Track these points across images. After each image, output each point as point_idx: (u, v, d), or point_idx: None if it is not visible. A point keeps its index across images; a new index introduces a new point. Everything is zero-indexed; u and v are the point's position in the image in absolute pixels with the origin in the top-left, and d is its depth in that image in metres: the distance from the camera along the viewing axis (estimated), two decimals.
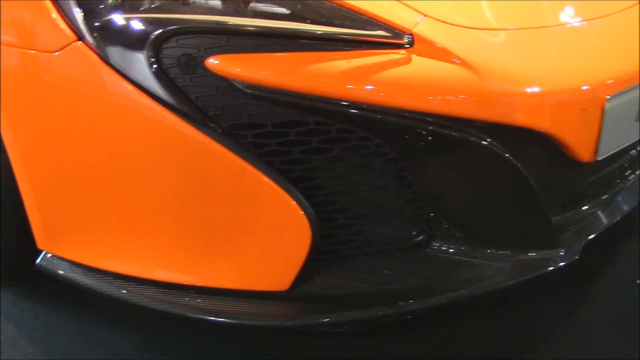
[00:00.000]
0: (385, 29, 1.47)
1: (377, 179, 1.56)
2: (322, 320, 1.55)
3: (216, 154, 1.46)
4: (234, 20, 1.46)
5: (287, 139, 1.47)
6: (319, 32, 1.45)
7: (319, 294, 1.57)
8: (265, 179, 1.46)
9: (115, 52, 1.47)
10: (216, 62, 1.42)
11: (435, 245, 1.66)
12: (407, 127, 1.48)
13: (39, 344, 1.75)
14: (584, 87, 1.59)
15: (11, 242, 1.83)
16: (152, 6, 1.48)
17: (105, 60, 1.48)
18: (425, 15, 1.52)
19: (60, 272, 1.67)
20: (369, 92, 1.43)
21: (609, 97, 1.61)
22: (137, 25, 1.46)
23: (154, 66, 1.44)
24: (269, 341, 1.77)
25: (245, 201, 1.50)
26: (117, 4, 1.48)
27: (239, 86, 1.43)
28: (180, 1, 1.50)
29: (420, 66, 1.46)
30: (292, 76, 1.42)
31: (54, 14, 1.49)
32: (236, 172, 1.47)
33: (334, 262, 1.62)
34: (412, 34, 1.48)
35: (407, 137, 1.50)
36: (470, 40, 1.54)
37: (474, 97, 1.48)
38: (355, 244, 1.62)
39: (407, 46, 1.47)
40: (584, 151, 1.64)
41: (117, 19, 1.47)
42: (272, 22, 1.46)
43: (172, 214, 1.56)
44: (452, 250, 1.66)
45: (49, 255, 1.69)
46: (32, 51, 1.52)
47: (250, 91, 1.43)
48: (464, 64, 1.47)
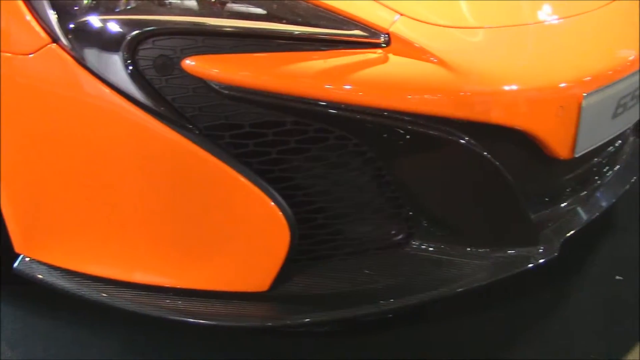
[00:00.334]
0: (361, 29, 1.47)
1: (356, 179, 1.56)
2: (303, 320, 1.55)
3: (193, 155, 1.45)
4: (210, 21, 1.45)
5: (265, 139, 1.46)
6: (296, 32, 1.44)
7: (299, 294, 1.57)
8: (243, 179, 1.46)
9: (90, 54, 1.46)
10: (193, 63, 1.41)
11: (414, 243, 1.66)
12: (385, 126, 1.48)
13: (18, 348, 1.74)
14: (561, 85, 1.59)
15: None
16: (128, 7, 1.47)
17: (80, 62, 1.46)
18: (401, 14, 1.52)
19: (39, 275, 1.65)
20: (346, 91, 1.43)
21: (586, 94, 1.61)
22: (112, 26, 1.45)
23: (130, 68, 1.43)
24: (250, 341, 1.77)
25: (223, 202, 1.50)
26: (92, 6, 1.47)
27: (215, 87, 1.42)
28: (156, 2, 1.48)
29: (396, 65, 1.46)
30: (269, 76, 1.42)
31: (28, 16, 1.48)
32: (214, 174, 1.46)
33: (313, 262, 1.62)
34: (388, 33, 1.47)
35: (385, 136, 1.50)
36: (447, 39, 1.54)
37: (451, 95, 1.48)
38: (334, 244, 1.62)
39: (384, 45, 1.47)
40: (561, 148, 1.65)
41: (92, 20, 1.46)
42: (249, 22, 1.45)
43: (150, 216, 1.55)
44: (431, 248, 1.66)
45: (27, 259, 1.67)
46: (6, 54, 1.50)
47: (227, 92, 1.42)
48: (441, 62, 1.47)
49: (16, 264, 1.68)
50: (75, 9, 1.48)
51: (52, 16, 1.47)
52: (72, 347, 1.75)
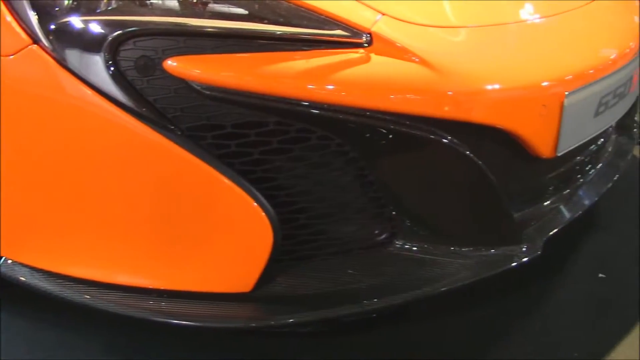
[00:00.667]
0: (343, 28, 1.47)
1: (338, 178, 1.56)
2: (286, 321, 1.54)
3: (175, 156, 1.45)
4: (191, 21, 1.44)
5: (247, 140, 1.46)
6: (278, 33, 1.44)
7: (282, 294, 1.57)
8: (225, 180, 1.45)
9: (72, 55, 1.45)
10: (174, 63, 1.41)
11: (398, 243, 1.66)
12: (368, 126, 1.48)
13: (1, 351, 1.73)
14: (544, 84, 1.59)
15: None
16: (109, 8, 1.46)
17: (61, 63, 1.46)
18: (383, 14, 1.52)
19: (21, 278, 1.64)
20: (328, 91, 1.43)
21: (568, 93, 1.62)
22: (93, 27, 1.44)
23: (112, 69, 1.43)
24: (235, 341, 1.76)
25: (205, 203, 1.49)
26: (73, 6, 1.47)
27: (197, 88, 1.42)
28: (137, 3, 1.48)
29: (379, 65, 1.46)
30: (250, 77, 1.42)
31: (8, 17, 1.47)
32: (196, 174, 1.46)
33: (296, 262, 1.62)
34: (370, 33, 1.47)
35: (367, 136, 1.50)
36: (429, 38, 1.54)
37: (433, 95, 1.48)
38: (317, 244, 1.62)
39: (366, 45, 1.47)
40: (544, 147, 1.65)
41: (73, 21, 1.45)
42: (231, 23, 1.45)
43: (132, 217, 1.54)
44: (415, 248, 1.66)
45: (9, 261, 1.66)
46: None
47: (209, 92, 1.42)
48: (423, 62, 1.48)
49: None
50: (56, 9, 1.47)
51: (33, 17, 1.46)
52: (57, 349, 1.74)
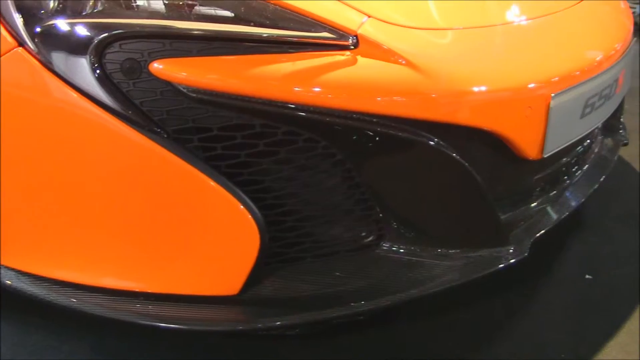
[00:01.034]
0: (329, 31, 1.47)
1: (325, 181, 1.56)
2: (274, 323, 1.54)
3: (162, 159, 1.45)
4: (177, 24, 1.44)
5: (234, 142, 1.46)
6: (264, 35, 1.44)
7: (269, 297, 1.57)
8: (212, 183, 1.45)
9: (57, 58, 1.45)
10: (160, 66, 1.41)
11: (385, 245, 1.66)
12: (354, 128, 1.48)
13: None
14: (530, 85, 1.60)
15: None
16: (95, 11, 1.46)
17: (47, 66, 1.45)
18: (369, 16, 1.52)
19: (7, 281, 1.63)
20: (314, 94, 1.43)
21: (554, 94, 1.62)
22: (79, 30, 1.44)
23: (97, 71, 1.42)
24: (223, 342, 1.76)
25: (192, 206, 1.49)
26: (59, 9, 1.46)
27: (183, 90, 1.41)
28: (123, 5, 1.48)
29: (365, 67, 1.46)
30: (237, 79, 1.42)
31: None
32: (183, 177, 1.46)
33: (284, 264, 1.61)
34: (356, 35, 1.47)
35: (354, 139, 1.50)
36: (415, 40, 1.54)
37: (420, 97, 1.48)
38: (304, 246, 1.62)
39: (352, 47, 1.47)
40: (530, 149, 1.66)
41: (59, 24, 1.45)
42: (216, 25, 1.45)
43: (119, 220, 1.54)
44: (402, 250, 1.66)
45: None
46: None
47: (195, 95, 1.41)
48: (409, 64, 1.48)
49: None
50: (41, 12, 1.47)
51: (18, 20, 1.46)
52: (43, 352, 1.74)
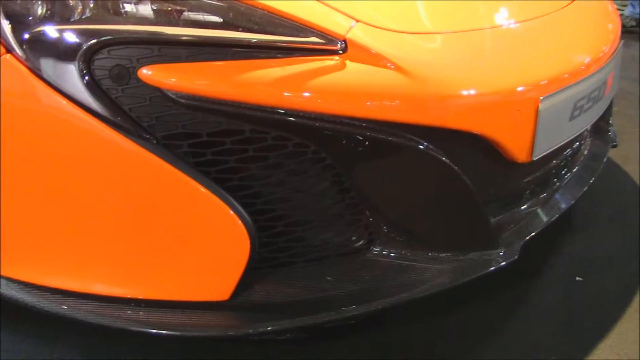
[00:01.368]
0: (318, 36, 1.47)
1: (315, 186, 1.56)
2: (265, 328, 1.54)
3: (151, 165, 1.44)
4: (166, 29, 1.44)
5: (223, 148, 1.46)
6: (252, 40, 1.44)
7: (260, 302, 1.56)
8: (201, 189, 1.45)
9: (46, 65, 1.45)
10: (149, 72, 1.40)
11: (375, 249, 1.67)
12: (343, 133, 1.48)
13: None
14: (518, 89, 1.60)
15: None
16: (83, 17, 1.46)
17: (36, 73, 1.45)
18: (358, 20, 1.52)
19: None
20: (303, 99, 1.43)
21: (542, 97, 1.63)
22: (67, 36, 1.43)
23: (86, 78, 1.42)
24: (216, 347, 1.76)
25: (182, 212, 1.49)
26: (47, 15, 1.46)
27: (172, 96, 1.41)
28: (111, 11, 1.47)
29: (354, 72, 1.46)
30: (226, 85, 1.41)
31: None
32: (172, 183, 1.46)
33: (274, 269, 1.61)
34: (345, 40, 1.47)
35: (343, 143, 1.50)
36: (404, 44, 1.55)
37: (409, 101, 1.48)
38: (295, 251, 1.61)
39: (341, 52, 1.47)
40: (519, 152, 1.66)
41: (47, 30, 1.45)
42: (205, 31, 1.45)
43: (109, 227, 1.53)
44: (392, 254, 1.66)
45: None
46: None
47: (184, 101, 1.41)
48: (398, 68, 1.48)
49: None
50: (29, 18, 1.46)
51: (6, 26, 1.45)
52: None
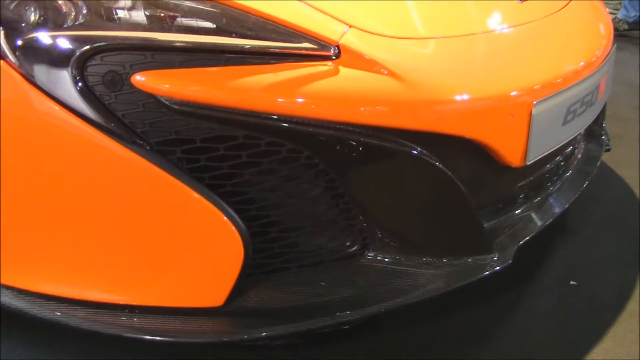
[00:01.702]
0: (311, 41, 1.47)
1: (309, 191, 1.56)
2: (259, 334, 1.53)
3: (145, 171, 1.44)
4: (159, 36, 1.44)
5: (216, 154, 1.46)
6: (245, 46, 1.44)
7: (254, 308, 1.56)
8: (195, 195, 1.45)
9: (39, 71, 1.44)
10: (142, 78, 1.40)
11: (369, 255, 1.67)
12: (337, 138, 1.49)
13: None
14: (511, 94, 1.61)
15: None
16: (76, 23, 1.46)
17: (29, 79, 1.45)
18: (351, 26, 1.52)
19: None
20: (296, 104, 1.43)
21: (536, 102, 1.63)
22: (60, 42, 1.43)
23: (80, 84, 1.42)
24: (210, 352, 1.75)
25: (175, 218, 1.49)
26: (40, 22, 1.46)
27: (166, 102, 1.41)
28: (104, 17, 1.47)
29: (347, 77, 1.46)
30: (219, 91, 1.42)
31: None
32: (165, 189, 1.46)
33: (268, 275, 1.61)
34: (338, 46, 1.48)
35: (337, 149, 1.50)
36: (397, 50, 1.55)
37: (402, 107, 1.49)
38: (289, 257, 1.61)
39: (334, 58, 1.47)
40: (513, 156, 1.67)
41: (40, 36, 1.44)
42: (198, 37, 1.45)
43: (103, 233, 1.53)
44: (387, 259, 1.67)
45: None
46: None
47: (177, 107, 1.41)
48: (391, 74, 1.48)
49: None
50: (22, 25, 1.46)
51: None
52: None
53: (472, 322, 1.89)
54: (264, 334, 1.53)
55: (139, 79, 1.41)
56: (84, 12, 1.46)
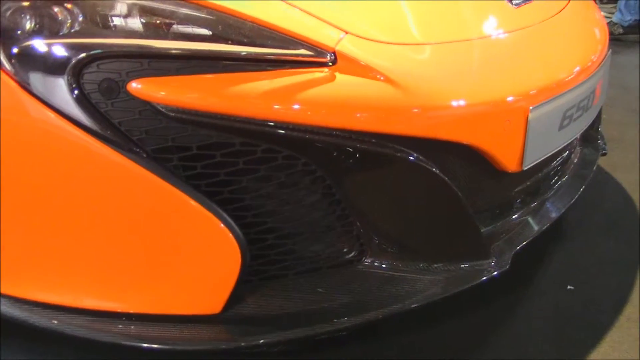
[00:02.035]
0: (307, 48, 1.47)
1: (306, 198, 1.56)
2: (257, 341, 1.53)
3: (142, 178, 1.44)
4: (155, 43, 1.44)
5: (213, 161, 1.46)
6: (242, 53, 1.44)
7: (252, 315, 1.56)
8: (192, 202, 1.45)
9: (35, 79, 1.44)
10: (138, 86, 1.40)
11: (366, 261, 1.67)
12: (333, 145, 1.49)
13: None
14: (508, 99, 1.61)
15: None
16: (72, 31, 1.45)
17: (25, 87, 1.44)
18: (347, 32, 1.52)
19: None
20: (293, 111, 1.43)
21: (532, 107, 1.63)
22: (56, 50, 1.43)
23: (75, 92, 1.42)
24: (207, 359, 1.75)
25: (172, 225, 1.48)
26: (36, 29, 1.45)
27: (162, 110, 1.41)
28: (100, 25, 1.47)
29: (343, 84, 1.46)
30: (215, 98, 1.41)
31: None
32: (162, 197, 1.45)
33: (266, 282, 1.61)
34: (334, 52, 1.48)
35: (333, 155, 1.50)
36: (393, 56, 1.55)
37: (398, 113, 1.49)
38: (286, 263, 1.61)
39: (330, 64, 1.47)
40: (510, 162, 1.67)
41: (36, 44, 1.44)
42: (194, 44, 1.45)
43: (100, 241, 1.53)
44: (384, 265, 1.67)
45: None
46: None
47: (173, 114, 1.41)
48: (388, 80, 1.48)
49: None
50: (18, 32, 1.46)
51: None
52: None
53: (469, 327, 1.89)
54: (261, 341, 1.53)
55: (135, 87, 1.40)
56: (80, 19, 1.45)
